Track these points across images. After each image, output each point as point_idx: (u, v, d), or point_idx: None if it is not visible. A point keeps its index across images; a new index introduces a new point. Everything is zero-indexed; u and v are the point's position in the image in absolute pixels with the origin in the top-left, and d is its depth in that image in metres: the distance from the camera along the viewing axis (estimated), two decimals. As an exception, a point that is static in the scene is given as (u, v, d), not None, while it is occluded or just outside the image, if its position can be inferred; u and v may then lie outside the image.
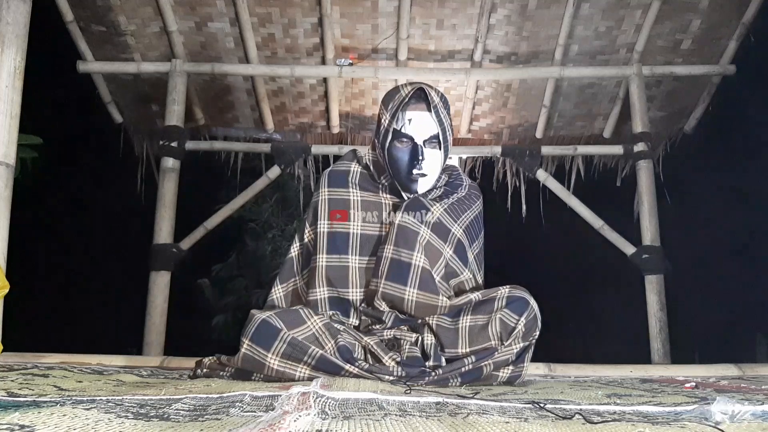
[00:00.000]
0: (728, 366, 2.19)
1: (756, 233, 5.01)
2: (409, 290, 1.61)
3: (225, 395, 1.10)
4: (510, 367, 1.56)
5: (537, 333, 1.59)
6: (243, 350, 1.49)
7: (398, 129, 1.69)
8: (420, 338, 1.62)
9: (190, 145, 4.17)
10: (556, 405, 1.01)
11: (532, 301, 1.59)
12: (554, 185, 4.29)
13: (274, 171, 4.29)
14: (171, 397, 1.06)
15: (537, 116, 4.55)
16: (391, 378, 1.46)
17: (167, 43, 4.16)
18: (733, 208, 5.16)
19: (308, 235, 1.79)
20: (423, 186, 1.72)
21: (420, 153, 1.68)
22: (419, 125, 1.69)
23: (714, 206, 5.25)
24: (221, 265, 6.92)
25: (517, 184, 4.72)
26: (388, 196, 1.77)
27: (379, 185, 1.77)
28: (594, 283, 6.40)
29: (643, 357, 3.72)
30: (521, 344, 1.56)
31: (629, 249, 3.93)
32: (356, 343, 1.55)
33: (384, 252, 1.64)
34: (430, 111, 1.69)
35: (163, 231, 3.86)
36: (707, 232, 5.30)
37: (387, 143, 1.71)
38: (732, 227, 5.26)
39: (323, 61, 4.27)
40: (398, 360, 1.53)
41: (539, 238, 5.45)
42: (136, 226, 4.63)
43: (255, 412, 0.90)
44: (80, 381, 1.43)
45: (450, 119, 1.75)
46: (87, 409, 0.87)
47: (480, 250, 1.82)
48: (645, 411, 0.97)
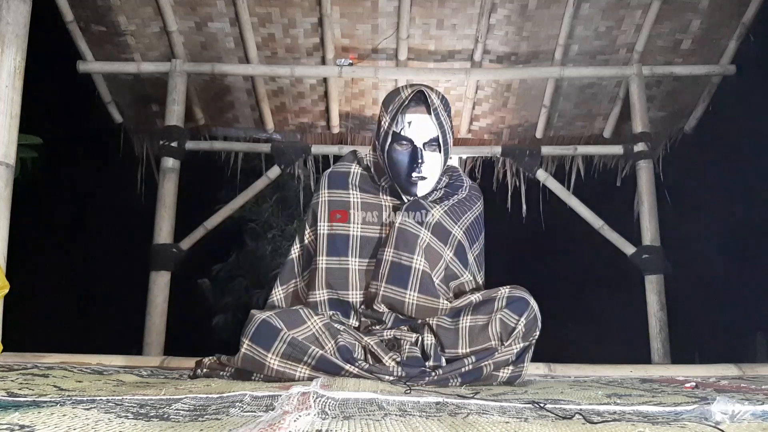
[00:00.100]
0: (728, 366, 2.19)
1: (756, 233, 5.01)
2: (410, 293, 1.60)
3: (225, 395, 1.10)
4: (510, 367, 1.57)
5: (537, 333, 1.60)
6: (243, 350, 1.49)
7: (398, 131, 1.69)
8: (420, 338, 1.63)
9: (190, 145, 4.16)
10: (556, 405, 1.01)
11: (532, 302, 1.59)
12: (554, 185, 4.28)
13: (274, 171, 4.28)
14: (171, 397, 1.06)
15: (537, 116, 4.55)
16: (391, 378, 1.46)
17: (167, 43, 4.16)
18: (733, 208, 5.16)
19: (308, 237, 1.79)
20: (422, 189, 1.72)
21: (420, 156, 1.68)
22: (419, 128, 1.68)
23: (714, 206, 5.25)
24: (221, 265, 6.91)
25: (517, 184, 4.72)
26: (389, 198, 1.76)
27: (380, 187, 1.77)
28: (594, 283, 6.38)
29: (643, 357, 3.72)
30: (521, 344, 1.57)
31: (629, 249, 3.93)
32: (356, 343, 1.55)
33: (384, 255, 1.64)
34: (430, 114, 1.68)
35: (163, 231, 3.86)
36: (707, 232, 5.29)
37: (387, 146, 1.70)
38: (732, 227, 5.25)
39: (323, 61, 4.27)
40: (398, 360, 1.53)
41: (539, 238, 5.44)
42: (136, 226, 4.62)
43: (255, 412, 0.90)
44: (80, 381, 1.43)
45: (450, 122, 1.75)
46: (87, 409, 0.87)
47: (480, 251, 1.81)
48: (645, 411, 0.97)
